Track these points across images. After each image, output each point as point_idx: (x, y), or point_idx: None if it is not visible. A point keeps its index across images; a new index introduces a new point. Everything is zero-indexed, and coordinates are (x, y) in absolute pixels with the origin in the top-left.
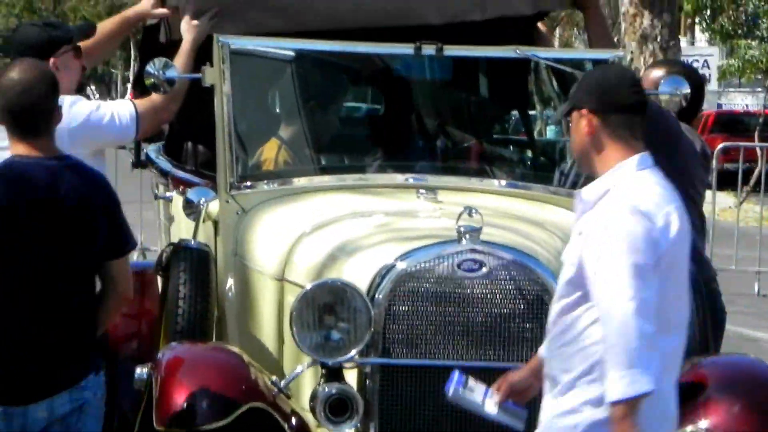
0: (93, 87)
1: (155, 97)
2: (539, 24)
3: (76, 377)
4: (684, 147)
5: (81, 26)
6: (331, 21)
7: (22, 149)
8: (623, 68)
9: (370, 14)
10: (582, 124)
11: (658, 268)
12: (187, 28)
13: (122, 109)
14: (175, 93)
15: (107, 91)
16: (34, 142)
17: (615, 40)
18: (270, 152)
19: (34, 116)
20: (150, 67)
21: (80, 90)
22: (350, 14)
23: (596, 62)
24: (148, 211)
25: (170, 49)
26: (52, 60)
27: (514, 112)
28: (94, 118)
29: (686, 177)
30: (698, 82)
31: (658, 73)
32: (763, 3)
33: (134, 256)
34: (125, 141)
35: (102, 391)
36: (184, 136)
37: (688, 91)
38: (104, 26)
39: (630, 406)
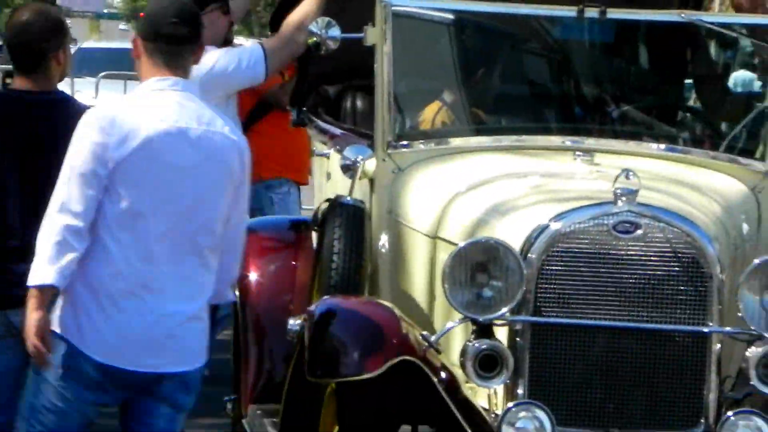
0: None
1: (282, 32)
2: None
3: None
4: None
5: None
6: None
7: (18, 83)
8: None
9: None
10: (134, 46)
11: (117, 173)
12: None
13: (249, 51)
14: (298, 25)
15: None
16: (28, 77)
17: None
18: (429, 114)
19: (28, 54)
20: (314, 26)
21: (228, 43)
22: None
23: (764, 27)
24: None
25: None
26: None
27: (677, 79)
28: (220, 65)
29: None
30: None
31: None
32: None
33: None
34: (256, 81)
35: None
36: (343, 94)
37: None
38: None
39: (37, 293)
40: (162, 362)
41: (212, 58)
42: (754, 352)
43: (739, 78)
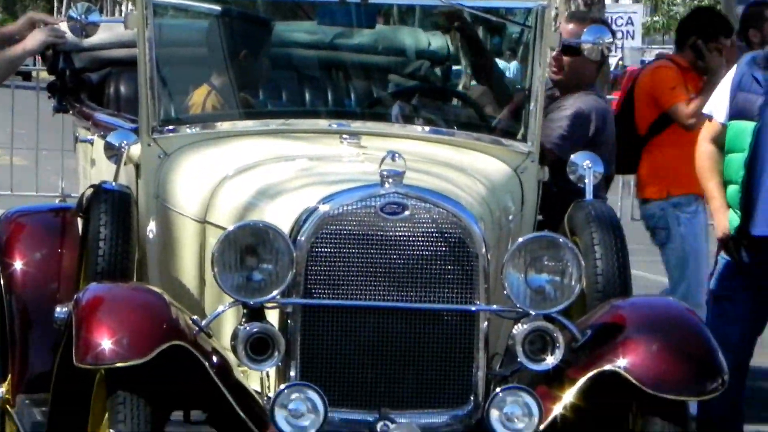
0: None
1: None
2: None
3: None
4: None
5: None
6: None
7: None
8: None
9: None
10: None
11: None
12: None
13: None
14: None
15: None
16: None
17: None
18: (198, 97)
19: None
20: (73, 12)
21: None
22: None
23: (523, 11)
24: (69, 159)
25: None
26: None
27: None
28: None
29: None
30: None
31: (572, 26)
32: None
33: (55, 202)
34: None
35: None
36: (106, 80)
37: (611, 39)
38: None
39: None
40: None
41: None
42: (520, 329)
43: (503, 63)
